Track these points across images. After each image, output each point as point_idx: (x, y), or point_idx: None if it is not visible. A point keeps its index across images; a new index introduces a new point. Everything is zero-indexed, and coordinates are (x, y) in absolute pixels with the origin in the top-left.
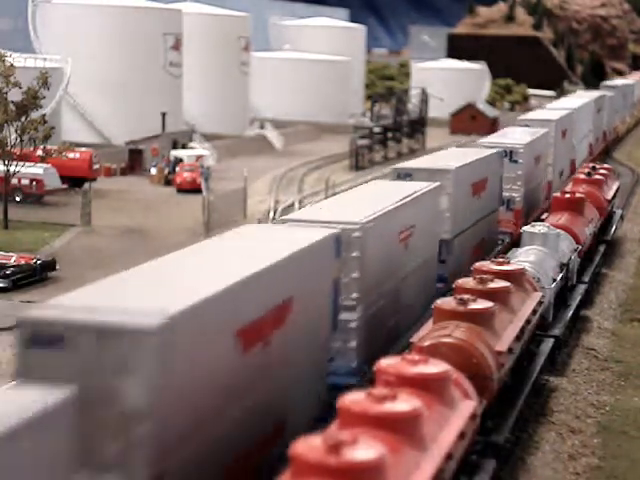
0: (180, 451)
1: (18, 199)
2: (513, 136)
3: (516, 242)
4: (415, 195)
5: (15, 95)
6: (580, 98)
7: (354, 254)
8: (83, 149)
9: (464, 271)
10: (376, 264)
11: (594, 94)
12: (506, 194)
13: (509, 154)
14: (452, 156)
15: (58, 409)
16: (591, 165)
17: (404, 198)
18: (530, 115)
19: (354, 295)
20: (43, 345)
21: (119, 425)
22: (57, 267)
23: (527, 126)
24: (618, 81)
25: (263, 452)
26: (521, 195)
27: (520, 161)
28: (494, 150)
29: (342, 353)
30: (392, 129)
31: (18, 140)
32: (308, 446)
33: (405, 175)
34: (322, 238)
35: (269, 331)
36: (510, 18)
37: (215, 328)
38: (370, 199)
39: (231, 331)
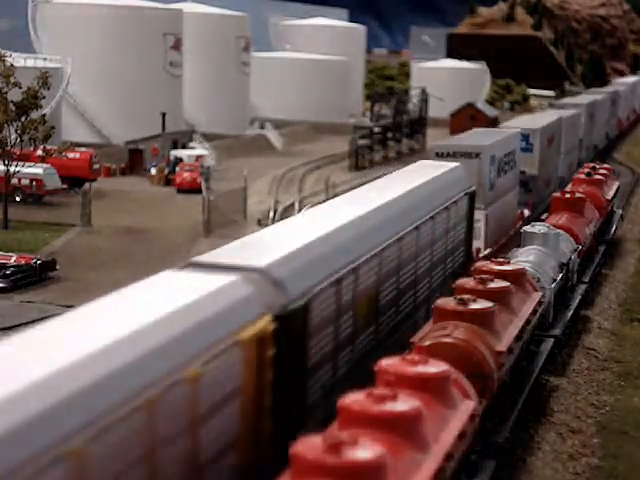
0: None
1: (18, 199)
2: (618, 86)
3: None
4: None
5: (15, 95)
6: (634, 78)
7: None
8: (83, 149)
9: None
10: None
11: None
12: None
13: (616, 94)
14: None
15: None
16: (591, 165)
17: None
18: (618, 80)
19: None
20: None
21: None
22: (57, 267)
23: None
24: None
25: None
26: (621, 114)
27: (621, 98)
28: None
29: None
30: (392, 129)
31: (18, 140)
32: (308, 446)
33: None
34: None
35: None
36: (510, 18)
37: None
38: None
39: None
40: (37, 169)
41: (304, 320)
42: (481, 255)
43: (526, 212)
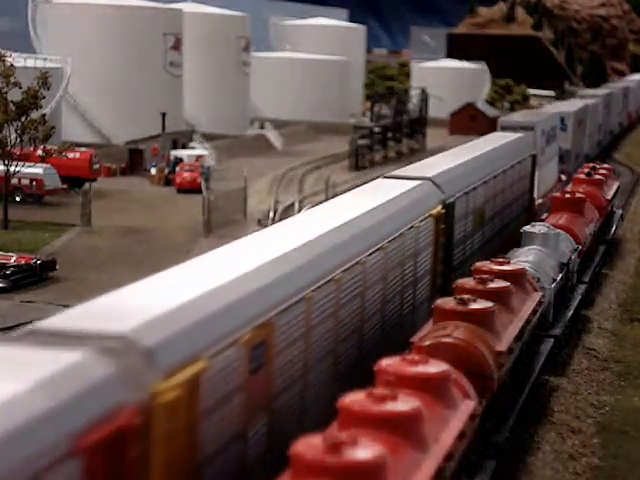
0: None
1: (18, 199)
2: (629, 82)
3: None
4: None
5: (15, 95)
6: None
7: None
8: (83, 149)
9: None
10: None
11: None
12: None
13: (627, 89)
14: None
15: None
16: (591, 165)
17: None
18: (628, 78)
19: None
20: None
21: None
22: (57, 267)
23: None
24: None
25: None
26: (631, 107)
27: (631, 93)
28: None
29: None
30: (392, 129)
31: (18, 140)
32: (308, 446)
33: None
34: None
35: None
36: (510, 18)
37: None
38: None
39: None
40: (37, 169)
41: (452, 211)
42: (536, 203)
43: (563, 177)
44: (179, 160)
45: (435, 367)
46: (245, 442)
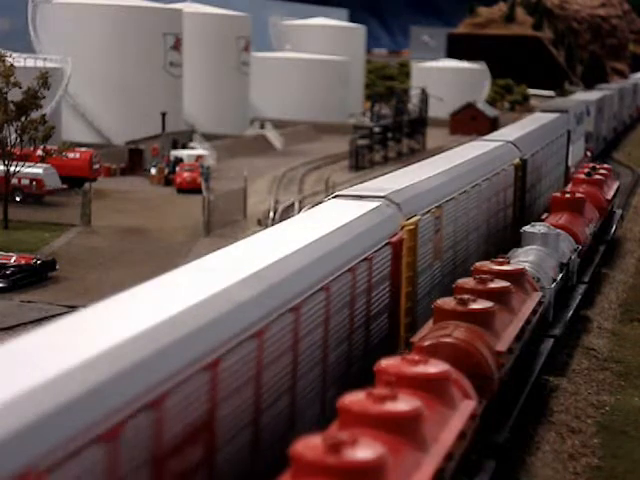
0: None
1: (18, 199)
2: (638, 80)
3: None
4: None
5: (15, 95)
6: None
7: None
8: (83, 149)
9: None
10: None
11: None
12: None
13: (636, 85)
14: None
15: None
16: (591, 165)
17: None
18: (637, 75)
19: None
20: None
21: None
22: (57, 267)
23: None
24: None
25: None
26: (639, 102)
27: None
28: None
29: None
30: (392, 129)
31: (18, 140)
32: (308, 446)
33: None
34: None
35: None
36: (510, 18)
37: None
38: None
39: None
40: (37, 169)
41: (526, 165)
42: (571, 171)
43: (588, 153)
44: (179, 160)
45: (435, 367)
46: (432, 273)
